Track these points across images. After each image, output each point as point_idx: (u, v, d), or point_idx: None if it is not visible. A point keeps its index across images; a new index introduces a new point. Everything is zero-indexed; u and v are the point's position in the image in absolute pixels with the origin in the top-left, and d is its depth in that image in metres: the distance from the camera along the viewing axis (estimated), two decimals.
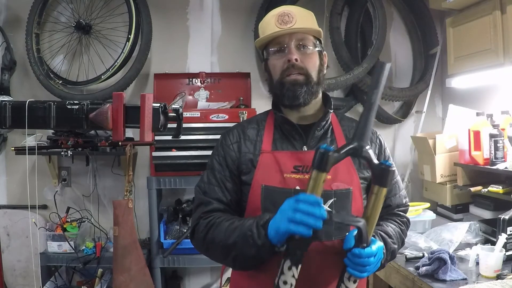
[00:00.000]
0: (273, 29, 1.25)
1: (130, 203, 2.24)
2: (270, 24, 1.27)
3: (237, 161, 1.30)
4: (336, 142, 1.30)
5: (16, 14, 2.82)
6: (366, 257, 1.09)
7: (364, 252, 1.08)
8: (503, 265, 1.81)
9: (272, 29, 1.26)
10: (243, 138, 1.32)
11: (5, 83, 2.76)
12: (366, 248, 1.09)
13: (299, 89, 1.24)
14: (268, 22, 1.28)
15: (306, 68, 1.25)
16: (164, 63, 2.90)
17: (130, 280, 2.21)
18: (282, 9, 1.28)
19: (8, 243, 2.78)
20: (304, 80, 1.25)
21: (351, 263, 1.10)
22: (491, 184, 2.21)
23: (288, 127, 1.30)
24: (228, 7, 2.95)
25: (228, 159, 1.31)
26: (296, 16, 1.25)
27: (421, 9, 2.96)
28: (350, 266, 1.10)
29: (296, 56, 1.24)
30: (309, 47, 1.27)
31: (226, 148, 1.32)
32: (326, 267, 1.22)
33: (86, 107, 1.29)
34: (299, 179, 1.23)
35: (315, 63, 1.28)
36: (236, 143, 1.32)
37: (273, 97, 1.35)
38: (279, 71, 1.26)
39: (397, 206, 1.37)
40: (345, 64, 2.77)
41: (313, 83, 1.26)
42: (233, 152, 1.31)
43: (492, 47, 2.14)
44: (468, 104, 2.62)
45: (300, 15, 1.27)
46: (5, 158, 2.87)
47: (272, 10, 1.31)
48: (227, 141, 1.33)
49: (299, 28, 1.25)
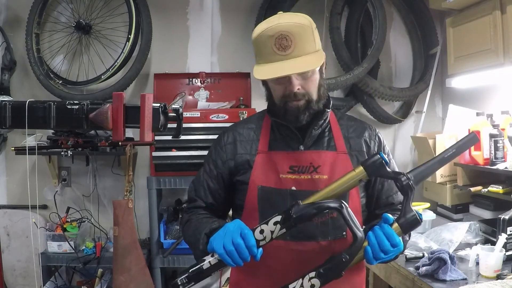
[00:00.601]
0: (270, 53, 1.17)
1: (130, 203, 2.24)
2: (267, 47, 1.17)
3: (229, 162, 1.30)
4: (333, 140, 1.29)
5: (16, 14, 2.82)
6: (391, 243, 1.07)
7: (395, 238, 1.07)
8: (503, 265, 1.81)
9: (269, 52, 1.17)
10: (239, 139, 1.32)
11: (5, 83, 2.76)
12: (396, 237, 1.07)
13: (301, 115, 1.22)
14: (264, 44, 1.18)
15: (308, 93, 1.22)
16: (164, 63, 2.90)
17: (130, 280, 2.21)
18: (279, 29, 1.16)
19: (8, 243, 2.78)
20: (306, 104, 1.22)
21: (375, 239, 1.07)
22: (491, 184, 2.21)
23: (284, 128, 1.29)
24: (228, 7, 2.95)
25: (218, 161, 1.32)
26: (294, 38, 1.15)
27: (421, 9, 2.95)
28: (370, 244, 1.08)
29: (298, 86, 1.20)
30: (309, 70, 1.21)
31: (218, 149, 1.34)
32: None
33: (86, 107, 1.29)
34: (294, 179, 1.23)
35: (316, 83, 1.24)
36: (230, 144, 1.32)
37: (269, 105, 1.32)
38: (280, 96, 1.23)
39: (399, 203, 1.33)
40: (345, 64, 2.77)
41: (315, 102, 1.24)
42: (225, 154, 1.31)
43: (492, 47, 2.14)
44: (468, 104, 2.62)
45: (298, 35, 1.16)
46: (5, 158, 2.87)
47: (267, 28, 1.17)
48: (220, 142, 1.34)
49: (297, 72, 1.17)
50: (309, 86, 1.22)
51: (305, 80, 1.21)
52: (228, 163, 1.30)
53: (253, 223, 1.20)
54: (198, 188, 1.35)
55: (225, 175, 1.31)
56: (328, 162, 1.25)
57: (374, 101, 2.91)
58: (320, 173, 1.23)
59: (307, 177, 1.23)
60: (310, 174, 1.23)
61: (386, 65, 3.07)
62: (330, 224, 1.22)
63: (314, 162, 1.24)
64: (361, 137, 1.31)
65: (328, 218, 1.22)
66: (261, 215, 1.23)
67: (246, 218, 1.27)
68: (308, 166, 1.24)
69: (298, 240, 1.21)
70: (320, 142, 1.28)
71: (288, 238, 1.19)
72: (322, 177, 1.23)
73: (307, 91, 1.22)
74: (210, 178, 1.33)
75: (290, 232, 1.11)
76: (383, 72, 3.05)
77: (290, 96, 1.21)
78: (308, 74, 1.21)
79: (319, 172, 1.23)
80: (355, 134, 1.32)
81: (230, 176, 1.31)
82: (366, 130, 1.34)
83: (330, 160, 1.25)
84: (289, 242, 1.21)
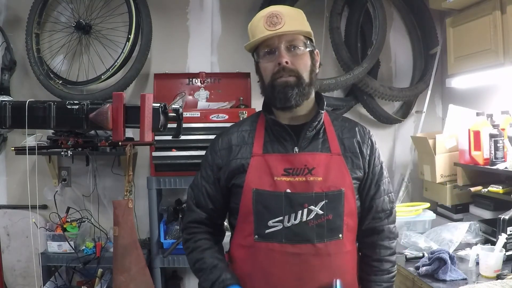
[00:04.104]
0: (262, 32, 1.23)
1: (130, 203, 2.23)
2: (259, 26, 1.24)
3: (224, 168, 1.31)
4: (328, 142, 1.29)
5: (16, 14, 2.81)
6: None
7: None
8: (503, 265, 1.82)
9: (261, 31, 1.24)
10: (233, 143, 1.32)
11: (5, 83, 2.76)
12: None
13: (290, 91, 1.23)
14: (257, 24, 1.26)
15: (297, 70, 1.24)
16: (164, 63, 2.90)
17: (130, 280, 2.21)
18: (270, 9, 1.26)
19: (8, 243, 2.78)
20: (295, 81, 1.23)
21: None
22: (491, 184, 2.21)
23: (278, 129, 1.29)
24: (228, 7, 2.95)
25: (214, 166, 1.33)
26: (284, 17, 1.23)
27: (421, 9, 2.95)
28: None
29: (286, 58, 1.22)
30: (299, 47, 1.25)
31: (213, 154, 1.34)
32: (318, 268, 1.22)
33: (86, 107, 1.29)
34: (289, 182, 1.23)
35: (306, 64, 1.26)
36: (224, 150, 1.32)
37: (265, 99, 1.34)
38: (270, 74, 1.25)
39: (382, 210, 1.33)
40: (345, 64, 2.76)
41: (305, 84, 1.25)
42: (220, 160, 1.32)
43: (492, 47, 2.14)
44: (468, 104, 2.62)
45: (289, 15, 1.24)
46: (5, 158, 2.87)
47: (260, 11, 1.29)
48: (215, 147, 1.35)
49: (288, 30, 1.22)
50: (298, 63, 1.24)
51: (295, 57, 1.24)
52: (224, 169, 1.31)
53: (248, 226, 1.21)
54: (197, 195, 1.36)
55: (222, 180, 1.32)
56: (322, 164, 1.25)
57: (374, 101, 2.91)
58: (315, 175, 1.23)
59: (301, 179, 1.23)
60: (305, 176, 1.23)
61: (386, 65, 3.07)
62: (325, 226, 1.22)
63: (309, 164, 1.24)
64: (354, 138, 1.31)
65: (324, 220, 1.22)
66: (256, 218, 1.24)
67: (241, 222, 1.27)
68: (303, 168, 1.24)
69: (293, 242, 1.21)
70: (314, 143, 1.28)
71: (283, 241, 1.20)
72: (316, 179, 1.23)
73: (297, 68, 1.24)
74: (208, 183, 1.34)
75: (286, 235, 1.12)
76: (383, 72, 3.05)
77: (280, 71, 1.23)
78: (298, 51, 1.25)
79: (313, 174, 1.23)
80: (349, 135, 1.32)
81: (226, 181, 1.31)
82: (358, 132, 1.34)
83: (324, 162, 1.25)
84: (285, 244, 1.21)
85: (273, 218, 1.22)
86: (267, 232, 1.23)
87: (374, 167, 1.33)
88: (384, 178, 1.35)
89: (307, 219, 1.20)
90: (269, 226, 1.22)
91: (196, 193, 1.36)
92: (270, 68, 1.25)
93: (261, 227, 1.23)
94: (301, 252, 1.20)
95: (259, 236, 1.23)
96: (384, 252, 1.33)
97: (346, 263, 1.27)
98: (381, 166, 1.35)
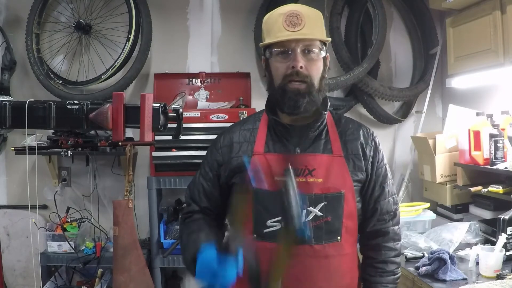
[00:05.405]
0: (280, 30, 1.19)
1: (130, 203, 2.24)
2: (277, 23, 1.20)
3: (225, 165, 1.31)
4: (330, 143, 1.28)
5: (16, 14, 2.81)
6: None
7: None
8: (503, 265, 1.82)
9: (279, 29, 1.20)
10: (235, 141, 1.32)
11: (5, 83, 2.76)
12: None
13: (301, 100, 1.20)
14: (275, 20, 1.21)
15: (310, 76, 1.21)
16: (164, 63, 2.90)
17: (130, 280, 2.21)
18: (291, 8, 1.21)
19: (8, 243, 2.78)
20: (307, 89, 1.20)
21: None
22: (491, 184, 2.21)
23: (281, 129, 1.28)
24: (228, 7, 2.95)
25: (214, 163, 1.33)
26: (305, 18, 1.19)
27: (421, 9, 2.95)
28: None
29: (301, 63, 1.19)
30: (315, 52, 1.22)
31: (215, 151, 1.34)
32: (315, 270, 1.22)
33: (86, 107, 1.29)
34: None
35: (319, 70, 1.24)
36: (225, 147, 1.32)
37: (270, 97, 1.32)
38: (282, 76, 1.22)
39: (387, 212, 1.32)
40: (345, 64, 2.76)
41: (315, 91, 1.22)
42: (221, 157, 1.32)
43: (492, 47, 2.14)
44: (468, 104, 2.62)
45: (309, 16, 1.21)
46: (5, 158, 2.87)
47: (281, 7, 1.24)
48: (216, 144, 1.35)
49: (307, 37, 1.19)
50: (312, 68, 1.21)
51: (309, 62, 1.21)
52: (224, 166, 1.30)
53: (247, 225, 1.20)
54: (193, 191, 1.37)
55: (222, 178, 1.31)
56: (323, 165, 1.24)
57: (374, 101, 2.91)
58: (315, 176, 1.23)
59: (302, 180, 1.22)
60: (305, 177, 1.23)
61: (386, 65, 3.07)
62: (324, 228, 1.22)
63: (309, 165, 1.24)
64: (358, 140, 1.30)
65: (322, 222, 1.22)
66: (255, 217, 1.24)
67: None
68: (303, 169, 1.23)
69: None
70: (316, 144, 1.27)
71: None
72: (317, 180, 1.23)
73: (310, 74, 1.21)
74: (205, 180, 1.34)
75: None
76: (383, 72, 3.05)
77: (293, 74, 1.20)
78: (313, 56, 1.22)
79: (314, 175, 1.23)
80: (352, 137, 1.31)
81: (227, 178, 1.30)
82: (362, 133, 1.33)
83: (325, 163, 1.25)
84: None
85: (272, 218, 1.22)
86: (265, 231, 1.22)
87: (378, 168, 1.31)
88: (388, 179, 1.34)
89: (305, 220, 1.20)
90: (268, 225, 1.22)
91: (192, 190, 1.37)
92: (282, 69, 1.22)
93: (259, 226, 1.23)
94: (298, 253, 1.19)
95: (257, 236, 1.23)
96: (389, 254, 1.32)
97: (344, 266, 1.27)
98: (385, 167, 1.34)
